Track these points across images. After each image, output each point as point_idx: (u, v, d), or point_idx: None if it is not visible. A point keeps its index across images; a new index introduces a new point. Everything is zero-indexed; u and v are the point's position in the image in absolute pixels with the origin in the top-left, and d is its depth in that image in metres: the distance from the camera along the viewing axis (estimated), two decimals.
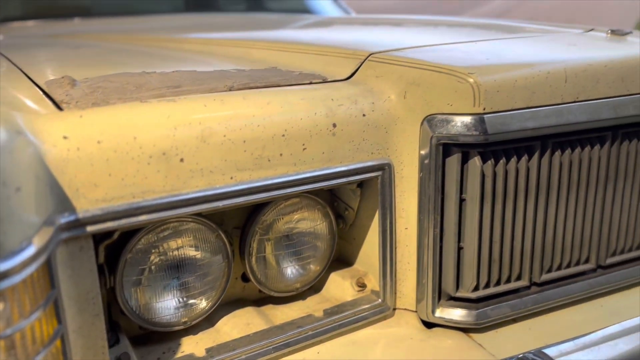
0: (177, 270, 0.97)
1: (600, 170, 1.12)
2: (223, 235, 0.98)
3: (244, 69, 1.17)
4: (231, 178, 0.88)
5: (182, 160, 0.84)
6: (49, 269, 0.72)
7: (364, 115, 1.00)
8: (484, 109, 0.96)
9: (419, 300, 1.08)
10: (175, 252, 0.95)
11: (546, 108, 1.02)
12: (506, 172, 1.02)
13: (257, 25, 2.09)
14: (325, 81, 1.08)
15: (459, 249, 1.05)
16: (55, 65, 1.28)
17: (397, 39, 1.40)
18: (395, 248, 1.08)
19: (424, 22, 1.83)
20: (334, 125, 0.97)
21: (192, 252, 0.97)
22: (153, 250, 0.93)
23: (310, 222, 1.07)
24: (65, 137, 0.77)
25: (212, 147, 0.86)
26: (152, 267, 0.94)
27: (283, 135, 0.92)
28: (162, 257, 0.95)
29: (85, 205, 0.77)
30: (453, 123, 0.97)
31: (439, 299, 1.07)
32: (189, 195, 0.85)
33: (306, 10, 3.03)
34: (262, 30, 1.90)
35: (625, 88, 1.10)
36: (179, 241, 0.95)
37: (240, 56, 1.37)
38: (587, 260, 1.18)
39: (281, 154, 0.92)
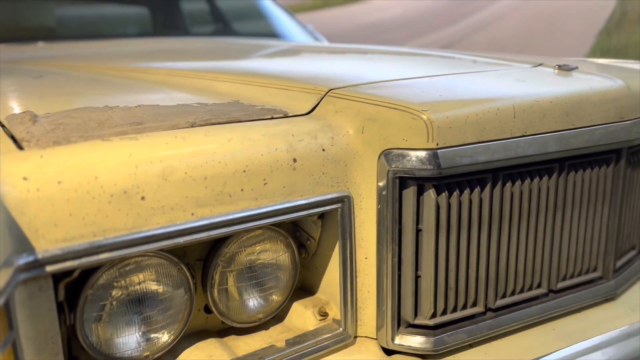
0: (139, 305, 0.97)
1: (549, 200, 1.18)
2: (185, 269, 0.99)
3: (207, 102, 1.19)
4: (192, 214, 0.90)
5: (143, 198, 0.85)
6: (7, 311, 0.72)
7: (323, 150, 1.03)
8: (437, 144, 1.00)
9: (379, 328, 1.11)
10: (137, 287, 0.96)
11: (496, 142, 1.07)
12: (460, 204, 1.07)
13: (223, 54, 2.12)
14: (286, 116, 1.11)
15: (417, 277, 1.09)
16: (17, 97, 1.27)
17: (357, 73, 1.45)
18: (356, 277, 1.11)
19: (386, 53, 1.89)
20: (295, 160, 1.00)
21: (154, 287, 0.98)
22: (114, 286, 0.93)
23: (273, 253, 1.09)
24: (25, 179, 0.78)
25: (173, 184, 0.88)
26: (114, 303, 0.94)
27: (244, 171, 0.95)
28: (123, 293, 0.95)
29: (45, 245, 0.78)
30: (408, 158, 1.01)
31: (398, 326, 1.11)
32: (150, 233, 0.86)
33: (274, 35, 3.08)
34: (227, 60, 1.93)
35: (570, 122, 1.16)
36: (141, 276, 0.95)
37: (204, 88, 1.39)
38: (539, 285, 1.24)
39: (242, 189, 0.94)
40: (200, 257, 1.07)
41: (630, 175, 1.32)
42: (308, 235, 1.15)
